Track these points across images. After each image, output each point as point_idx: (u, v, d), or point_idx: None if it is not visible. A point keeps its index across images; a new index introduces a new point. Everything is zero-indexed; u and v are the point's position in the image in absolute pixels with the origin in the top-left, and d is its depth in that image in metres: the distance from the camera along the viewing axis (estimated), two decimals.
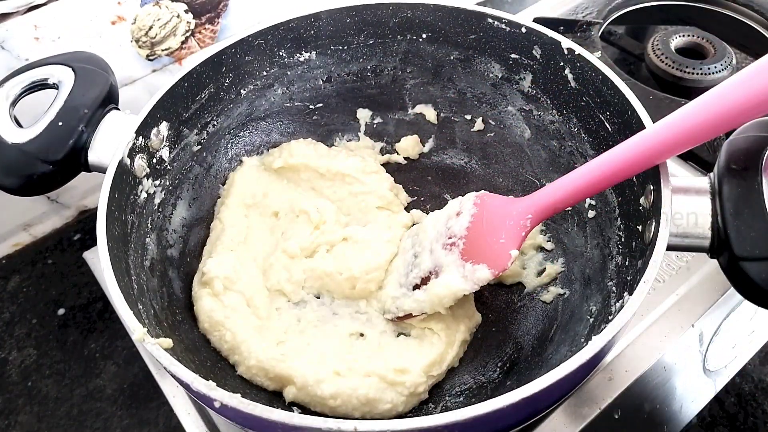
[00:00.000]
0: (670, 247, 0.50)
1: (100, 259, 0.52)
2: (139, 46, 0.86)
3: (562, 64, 0.67)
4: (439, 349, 0.63)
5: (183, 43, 0.90)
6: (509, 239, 0.61)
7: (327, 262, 0.70)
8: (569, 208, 0.71)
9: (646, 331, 0.68)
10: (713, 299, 0.70)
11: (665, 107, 0.77)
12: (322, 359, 0.62)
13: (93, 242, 0.87)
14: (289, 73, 0.78)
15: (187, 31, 0.89)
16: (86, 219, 0.94)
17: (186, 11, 0.87)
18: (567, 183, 0.57)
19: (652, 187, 0.54)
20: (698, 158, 0.81)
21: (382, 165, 0.82)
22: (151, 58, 0.88)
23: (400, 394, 0.59)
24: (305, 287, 0.71)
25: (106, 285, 0.50)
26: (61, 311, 0.84)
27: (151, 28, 0.85)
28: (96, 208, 0.55)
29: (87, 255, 0.81)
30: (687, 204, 0.51)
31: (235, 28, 0.94)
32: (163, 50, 0.89)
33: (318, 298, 0.71)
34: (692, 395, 0.68)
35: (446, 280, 0.63)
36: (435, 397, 0.62)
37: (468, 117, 0.81)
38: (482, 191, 0.68)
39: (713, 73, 0.87)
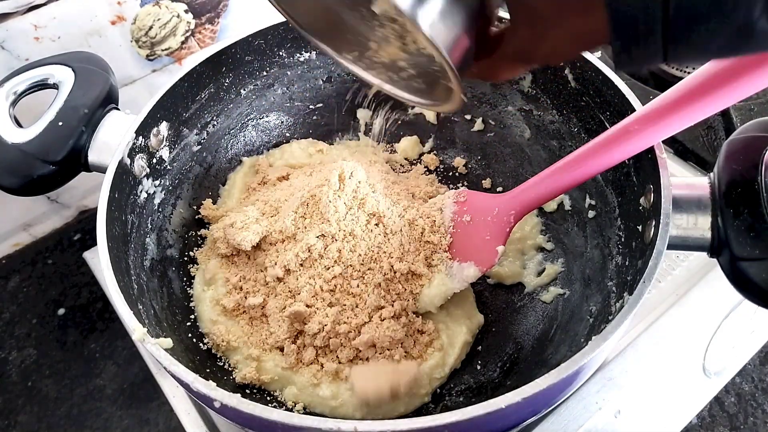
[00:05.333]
0: (670, 247, 0.49)
1: (100, 259, 0.52)
2: (139, 46, 0.86)
3: (562, 63, 0.67)
4: (441, 351, 0.63)
5: (183, 43, 0.90)
6: (494, 236, 0.61)
7: None
8: (569, 209, 0.71)
9: (646, 331, 0.68)
10: (713, 299, 0.70)
11: None
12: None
13: (93, 242, 0.87)
14: (289, 73, 0.78)
15: (187, 31, 0.89)
16: (86, 219, 0.94)
17: (186, 11, 0.87)
18: (547, 177, 0.57)
19: (652, 187, 0.54)
20: (698, 158, 0.81)
21: None
22: (151, 58, 0.88)
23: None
24: None
25: (106, 285, 0.50)
26: (61, 311, 0.84)
27: (151, 28, 0.85)
28: (96, 208, 0.55)
29: (87, 255, 0.81)
30: (687, 204, 0.51)
31: (235, 28, 0.94)
32: (163, 50, 0.89)
33: None
34: (692, 395, 0.68)
35: (434, 280, 0.63)
36: (435, 397, 0.62)
37: (468, 117, 0.81)
38: (462, 188, 0.68)
39: None
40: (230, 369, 0.62)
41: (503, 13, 0.41)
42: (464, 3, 0.38)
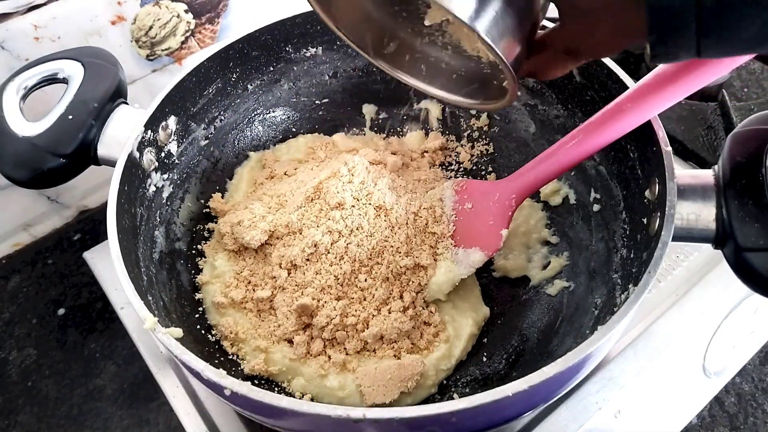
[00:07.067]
0: (675, 239, 0.50)
1: (110, 251, 0.52)
2: (139, 46, 0.86)
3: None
4: (447, 343, 0.63)
5: (183, 43, 0.90)
6: (497, 220, 0.62)
7: None
8: (574, 202, 0.72)
9: (646, 331, 0.68)
10: (713, 299, 0.70)
11: None
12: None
13: (93, 242, 0.87)
14: (295, 68, 0.79)
15: (187, 31, 0.89)
16: (86, 219, 0.94)
17: (186, 11, 0.88)
18: (545, 158, 0.58)
19: (657, 179, 0.54)
20: (699, 158, 0.82)
21: None
22: (151, 58, 0.88)
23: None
24: None
25: (118, 277, 0.50)
26: (61, 311, 0.83)
27: (151, 28, 0.86)
28: (96, 208, 0.55)
29: (87, 255, 0.80)
30: (692, 195, 0.52)
31: (235, 28, 0.94)
32: (163, 50, 0.89)
33: None
34: (692, 395, 0.68)
35: (441, 267, 0.64)
36: (441, 388, 0.62)
37: (473, 112, 0.82)
38: (459, 178, 0.68)
39: None
40: (238, 360, 0.62)
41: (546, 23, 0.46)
42: (515, 8, 0.42)
